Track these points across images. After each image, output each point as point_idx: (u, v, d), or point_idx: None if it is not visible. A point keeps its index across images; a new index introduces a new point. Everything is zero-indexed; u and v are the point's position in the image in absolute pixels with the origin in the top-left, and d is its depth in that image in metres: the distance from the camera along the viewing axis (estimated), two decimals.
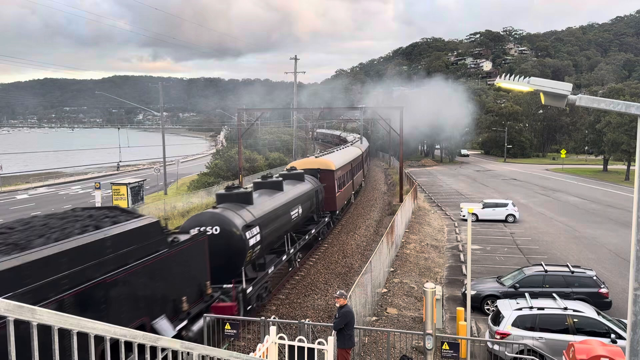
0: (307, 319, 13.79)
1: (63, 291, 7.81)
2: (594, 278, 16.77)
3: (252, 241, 16.02)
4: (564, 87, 5.58)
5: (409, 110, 49.89)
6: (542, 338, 12.79)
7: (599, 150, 70.36)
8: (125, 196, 41.12)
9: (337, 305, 11.19)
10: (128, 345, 4.19)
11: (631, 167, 58.95)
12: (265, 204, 18.78)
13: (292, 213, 21.50)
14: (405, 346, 13.34)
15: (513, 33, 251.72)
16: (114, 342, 3.91)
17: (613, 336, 12.54)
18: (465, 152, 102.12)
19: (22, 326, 3.16)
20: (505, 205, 33.53)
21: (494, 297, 16.60)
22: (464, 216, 29.76)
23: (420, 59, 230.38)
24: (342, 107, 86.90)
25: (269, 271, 17.98)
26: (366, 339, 14.03)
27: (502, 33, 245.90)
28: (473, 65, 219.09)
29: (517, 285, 16.71)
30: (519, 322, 13.09)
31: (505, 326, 13.08)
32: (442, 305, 15.78)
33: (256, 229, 16.55)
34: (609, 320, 13.30)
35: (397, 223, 24.54)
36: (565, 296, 15.10)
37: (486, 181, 58.33)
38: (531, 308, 13.36)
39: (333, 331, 10.97)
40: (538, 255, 23.99)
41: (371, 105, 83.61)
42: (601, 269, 21.23)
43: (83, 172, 77.94)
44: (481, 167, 78.76)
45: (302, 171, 26.61)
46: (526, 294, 14.66)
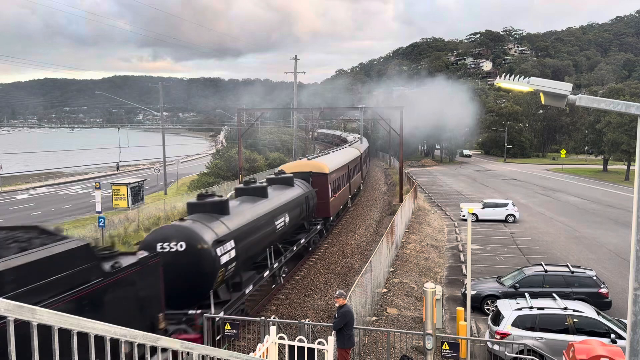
0: (307, 319, 13.79)
1: None
2: (594, 278, 16.79)
3: (225, 258, 14.10)
4: (564, 87, 5.58)
5: (409, 110, 49.88)
6: (542, 338, 12.80)
7: (599, 150, 70.40)
8: (125, 196, 41.23)
9: (337, 305, 11.21)
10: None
11: (631, 167, 58.95)
12: (244, 214, 17.01)
13: (278, 222, 19.58)
14: (405, 346, 13.35)
15: (513, 33, 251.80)
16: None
17: (613, 336, 12.55)
18: (467, 153, 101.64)
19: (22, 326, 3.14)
20: (505, 205, 33.56)
21: (494, 297, 16.61)
22: (464, 216, 29.76)
23: (420, 59, 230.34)
24: (342, 107, 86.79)
25: (246, 291, 15.95)
26: (366, 339, 14.04)
27: (502, 33, 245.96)
28: (473, 65, 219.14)
29: (517, 285, 16.73)
30: (519, 322, 13.10)
31: (505, 326, 13.08)
32: (442, 305, 15.78)
33: (230, 244, 14.62)
34: (609, 320, 13.32)
35: (397, 223, 24.54)
36: (565, 296, 15.10)
37: (486, 181, 58.35)
38: (531, 308, 13.37)
39: (333, 331, 10.98)
40: (538, 255, 24.00)
41: (371, 105, 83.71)
42: (601, 269, 21.24)
43: (83, 172, 78.00)
44: (481, 167, 78.78)
45: (291, 175, 24.75)
46: (526, 294, 14.68)
